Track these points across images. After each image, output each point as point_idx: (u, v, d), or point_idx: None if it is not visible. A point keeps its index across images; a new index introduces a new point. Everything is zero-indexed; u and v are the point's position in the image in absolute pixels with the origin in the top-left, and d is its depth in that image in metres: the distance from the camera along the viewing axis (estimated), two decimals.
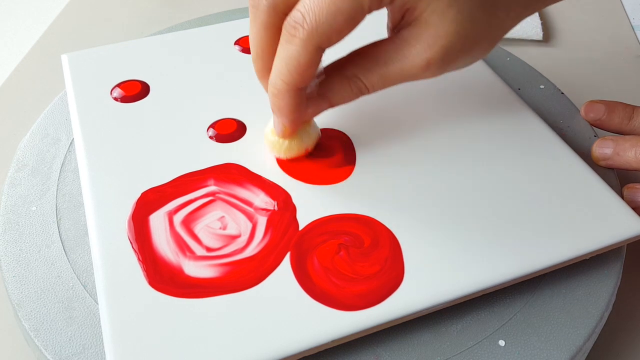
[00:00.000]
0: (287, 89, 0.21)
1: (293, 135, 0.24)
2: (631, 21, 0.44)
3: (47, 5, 0.47)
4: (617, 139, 0.28)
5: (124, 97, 0.28)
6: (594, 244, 0.22)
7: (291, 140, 0.24)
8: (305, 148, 0.25)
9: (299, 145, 0.24)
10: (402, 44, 0.21)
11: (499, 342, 0.21)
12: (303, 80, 0.21)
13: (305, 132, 0.24)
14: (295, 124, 0.23)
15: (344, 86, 0.22)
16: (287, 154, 0.24)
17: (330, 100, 0.23)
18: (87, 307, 0.21)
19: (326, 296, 0.20)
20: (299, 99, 0.22)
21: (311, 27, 0.19)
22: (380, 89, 0.22)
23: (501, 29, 0.22)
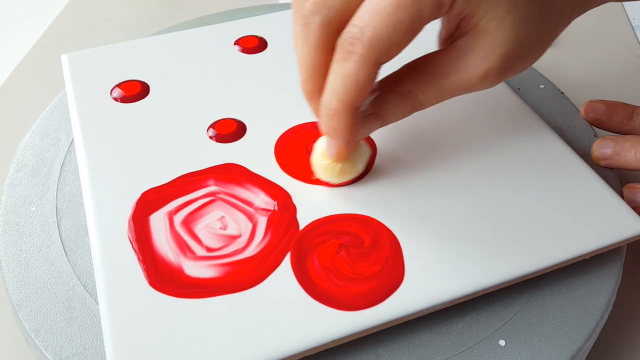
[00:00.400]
0: (344, 108, 0.20)
1: (347, 158, 0.23)
2: (631, 21, 0.44)
3: (47, 5, 0.47)
4: (617, 138, 0.28)
5: (124, 97, 0.28)
6: (594, 244, 0.22)
7: (344, 163, 0.23)
8: (357, 170, 0.23)
9: (351, 167, 0.23)
10: (459, 55, 0.20)
11: (500, 342, 0.21)
12: (361, 98, 0.20)
13: (358, 153, 0.23)
14: (350, 146, 0.22)
15: (399, 103, 0.21)
16: (339, 178, 0.23)
17: (383, 119, 0.22)
18: (87, 308, 0.21)
19: (326, 296, 0.20)
20: (355, 119, 0.20)
21: (371, 42, 0.18)
22: (435, 103, 0.22)
23: (554, 32, 0.21)
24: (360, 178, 0.24)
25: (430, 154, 0.25)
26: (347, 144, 0.21)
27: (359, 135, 0.22)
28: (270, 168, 0.25)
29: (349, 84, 0.19)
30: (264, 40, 0.32)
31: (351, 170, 0.23)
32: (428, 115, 0.27)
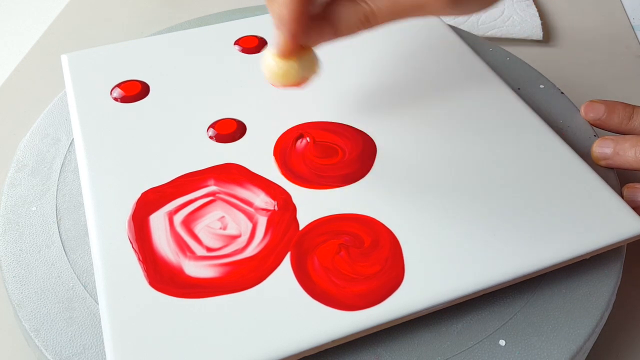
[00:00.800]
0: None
1: (292, 56, 0.23)
2: (631, 21, 0.44)
3: (47, 5, 0.47)
4: (617, 138, 0.28)
5: (124, 97, 0.28)
6: (594, 244, 0.22)
7: (289, 64, 0.23)
8: (302, 76, 0.23)
9: (296, 71, 0.23)
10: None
11: (500, 342, 0.21)
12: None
13: (305, 59, 0.23)
14: (296, 39, 0.22)
15: (350, 10, 0.21)
16: (283, 79, 0.23)
17: (335, 26, 0.22)
18: (87, 308, 0.21)
19: (326, 296, 0.20)
20: (302, 8, 0.21)
21: None
22: (387, 19, 0.21)
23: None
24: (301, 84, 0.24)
25: (430, 154, 0.25)
26: (293, 36, 0.21)
27: (310, 38, 0.22)
28: (270, 168, 0.25)
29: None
30: (263, 40, 0.32)
31: (296, 73, 0.23)
32: (427, 115, 0.27)
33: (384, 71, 0.30)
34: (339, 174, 0.24)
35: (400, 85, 0.29)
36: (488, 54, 0.34)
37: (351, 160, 0.25)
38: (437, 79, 0.29)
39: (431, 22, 0.33)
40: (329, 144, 0.26)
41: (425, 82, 0.29)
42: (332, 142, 0.26)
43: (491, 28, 0.41)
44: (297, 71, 0.23)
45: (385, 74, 0.30)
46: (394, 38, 0.32)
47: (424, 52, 0.31)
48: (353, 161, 0.25)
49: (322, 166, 0.25)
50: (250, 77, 0.30)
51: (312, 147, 0.26)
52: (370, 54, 0.31)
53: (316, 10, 0.21)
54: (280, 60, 0.23)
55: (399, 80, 0.29)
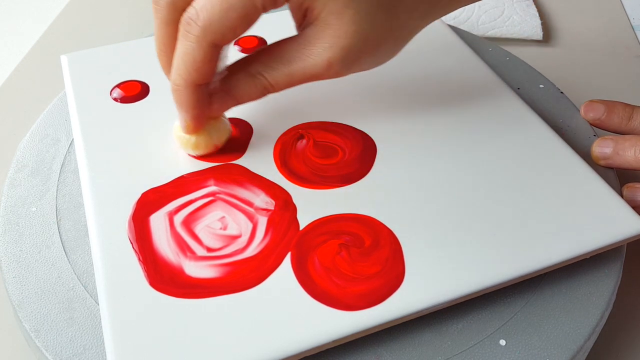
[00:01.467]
0: (185, 85, 0.21)
1: (199, 131, 0.24)
2: (631, 21, 0.44)
3: (47, 5, 0.47)
4: (616, 138, 0.28)
5: (123, 97, 0.28)
6: (594, 244, 0.22)
7: (198, 136, 0.24)
8: (214, 144, 0.24)
9: (206, 141, 0.24)
10: (304, 43, 0.21)
11: (500, 342, 0.21)
12: (200, 76, 0.21)
13: (214, 128, 0.24)
14: (197, 120, 0.23)
15: (249, 83, 0.22)
16: (195, 150, 0.24)
17: (235, 97, 0.23)
18: (87, 308, 0.21)
19: (327, 296, 0.20)
20: (198, 95, 0.22)
21: (204, 24, 0.20)
22: (285, 87, 0.23)
23: (406, 29, 0.22)
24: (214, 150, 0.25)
25: (430, 154, 0.25)
26: (193, 118, 0.23)
27: (212, 110, 0.23)
28: (270, 168, 0.25)
29: (188, 62, 0.21)
30: (263, 40, 0.32)
31: (206, 143, 0.24)
32: (426, 116, 0.27)
33: (383, 71, 0.30)
34: (339, 174, 0.24)
35: (400, 85, 0.29)
36: (488, 54, 0.34)
37: (351, 160, 0.25)
38: (436, 78, 0.29)
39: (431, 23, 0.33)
40: (329, 144, 0.26)
41: (425, 82, 0.29)
42: (332, 142, 0.26)
43: (491, 28, 0.41)
44: (208, 141, 0.24)
45: (385, 74, 0.30)
46: None
47: (423, 51, 0.31)
48: (353, 161, 0.25)
49: (322, 166, 0.25)
50: None
51: (312, 147, 0.26)
52: None
53: (215, 85, 0.22)
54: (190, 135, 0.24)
55: (399, 80, 0.29)
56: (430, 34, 0.32)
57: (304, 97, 0.28)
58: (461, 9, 0.43)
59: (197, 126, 0.23)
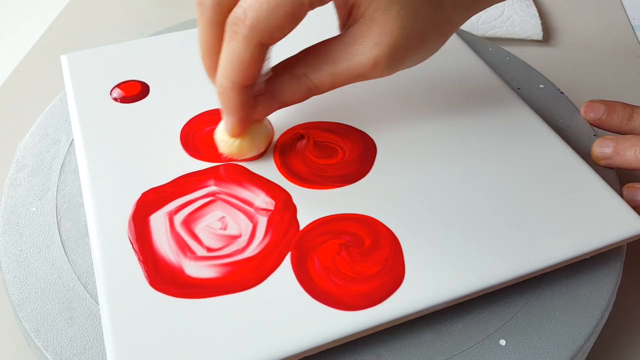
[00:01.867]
0: (232, 86, 0.21)
1: (243, 134, 0.23)
2: (631, 21, 0.44)
3: (47, 5, 0.47)
4: (617, 138, 0.28)
5: (123, 97, 0.28)
6: (594, 243, 0.22)
7: (242, 140, 0.24)
8: (257, 148, 0.24)
9: (250, 145, 0.24)
10: (350, 42, 0.21)
11: (500, 342, 0.21)
12: (247, 77, 0.21)
13: (257, 131, 0.24)
14: (242, 123, 0.23)
15: (293, 85, 0.22)
16: (237, 154, 0.24)
17: (280, 99, 0.23)
18: (87, 308, 0.21)
19: (327, 296, 0.20)
20: (245, 97, 0.22)
21: (252, 23, 0.19)
22: (330, 88, 0.22)
23: (449, 23, 0.22)
24: (261, 155, 0.25)
25: (431, 154, 0.25)
26: (239, 121, 0.22)
27: (256, 113, 0.23)
28: (270, 168, 0.25)
29: (235, 64, 0.20)
30: None
31: (250, 147, 0.24)
32: (426, 116, 0.27)
33: None
34: (339, 174, 0.24)
35: (399, 85, 0.29)
36: (488, 54, 0.34)
37: (351, 160, 0.25)
38: (436, 78, 0.29)
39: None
40: (329, 144, 0.26)
41: (425, 82, 0.29)
42: (332, 142, 0.26)
43: (491, 28, 0.41)
44: (251, 145, 0.24)
45: None
46: None
47: None
48: (353, 161, 0.25)
49: (322, 166, 0.25)
50: None
51: (312, 147, 0.26)
52: None
53: (260, 87, 0.22)
54: (234, 139, 0.24)
55: (399, 80, 0.29)
56: None
57: None
58: None
59: (242, 129, 0.23)
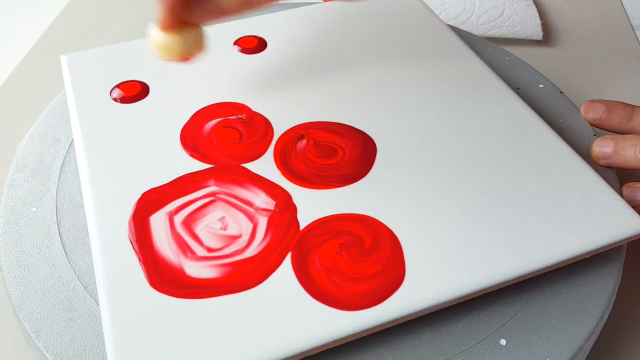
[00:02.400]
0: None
1: (171, 29, 0.24)
2: (631, 21, 0.44)
3: (47, 5, 0.47)
4: (616, 138, 0.28)
5: (123, 97, 0.28)
6: (594, 243, 0.22)
7: (171, 38, 0.24)
8: (183, 51, 0.24)
9: (178, 46, 0.24)
10: None
11: (501, 341, 0.21)
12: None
13: (188, 35, 0.24)
14: (173, 13, 0.23)
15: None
16: (163, 52, 0.24)
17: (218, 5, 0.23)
18: (88, 308, 0.21)
19: (327, 296, 0.20)
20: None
21: None
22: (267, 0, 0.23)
23: None
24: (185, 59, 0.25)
25: (431, 154, 0.25)
26: (170, 10, 0.23)
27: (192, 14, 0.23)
28: (270, 168, 0.25)
29: None
30: (263, 40, 0.32)
31: (177, 47, 0.24)
32: (426, 115, 0.27)
33: (383, 71, 0.30)
34: (339, 174, 0.24)
35: (400, 85, 0.29)
36: (488, 54, 0.34)
37: (351, 160, 0.25)
38: (436, 78, 0.29)
39: (431, 23, 0.33)
40: (329, 144, 0.26)
41: (425, 82, 0.29)
42: (332, 142, 0.26)
43: (491, 28, 0.42)
44: (179, 45, 0.24)
45: (385, 74, 0.30)
46: (393, 38, 0.32)
47: (423, 52, 0.31)
48: (353, 161, 0.25)
49: (322, 166, 0.25)
50: (249, 78, 0.30)
51: (312, 147, 0.26)
52: (370, 55, 0.31)
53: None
54: (162, 34, 0.24)
55: (399, 80, 0.29)
56: (430, 34, 0.32)
57: (304, 96, 0.28)
58: (461, 9, 0.43)
59: (171, 22, 0.23)
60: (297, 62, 0.30)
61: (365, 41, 0.32)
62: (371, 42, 0.32)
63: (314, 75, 0.29)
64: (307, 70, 0.30)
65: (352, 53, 0.31)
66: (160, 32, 0.24)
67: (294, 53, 0.31)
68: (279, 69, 0.30)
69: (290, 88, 0.29)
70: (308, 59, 0.31)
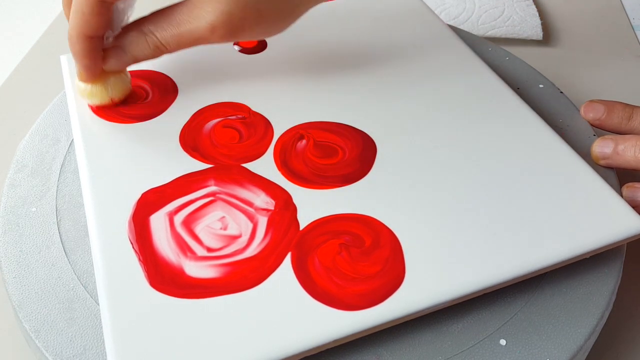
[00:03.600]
0: (77, 35, 0.24)
1: (93, 81, 0.26)
2: (631, 21, 0.44)
3: (47, 5, 0.47)
4: (616, 138, 0.28)
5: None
6: (594, 243, 0.22)
7: (94, 86, 0.26)
8: (109, 97, 0.26)
9: (102, 92, 0.26)
10: (191, 7, 0.24)
11: (500, 341, 0.21)
12: (89, 29, 0.24)
13: (112, 82, 0.26)
14: (89, 69, 0.25)
15: (141, 40, 0.25)
16: (90, 99, 0.26)
17: (130, 54, 0.25)
18: (88, 308, 0.21)
19: (327, 296, 0.20)
20: (89, 46, 0.24)
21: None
22: (177, 48, 0.25)
23: (292, 9, 0.25)
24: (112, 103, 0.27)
25: (431, 153, 0.25)
26: (85, 67, 0.25)
27: (108, 64, 0.26)
28: (270, 168, 0.25)
29: (77, 16, 0.24)
30: (263, 40, 0.32)
31: (102, 95, 0.26)
32: (426, 115, 0.27)
33: (383, 71, 0.30)
34: (339, 174, 0.24)
35: (400, 86, 0.29)
36: (488, 54, 0.34)
37: (351, 160, 0.25)
38: (436, 78, 0.29)
39: (431, 23, 0.33)
40: (329, 144, 0.26)
41: (425, 82, 0.29)
42: (332, 142, 0.26)
43: (491, 28, 0.42)
44: (103, 93, 0.26)
45: (385, 74, 0.30)
46: (393, 39, 0.32)
47: (423, 52, 0.31)
48: (353, 161, 0.25)
49: (322, 166, 0.25)
50: (249, 78, 0.30)
51: (312, 147, 0.26)
52: (370, 55, 0.31)
53: (109, 41, 0.25)
54: (86, 83, 0.26)
55: (399, 81, 0.29)
56: (430, 34, 0.32)
57: (304, 96, 0.28)
58: (461, 9, 0.43)
59: (90, 75, 0.26)
60: (297, 62, 0.30)
61: (365, 41, 0.32)
62: (371, 42, 0.32)
63: (314, 75, 0.29)
64: (307, 70, 0.30)
65: (352, 53, 0.31)
66: (80, 81, 0.26)
67: (294, 53, 0.31)
68: (279, 69, 0.30)
69: (290, 88, 0.29)
70: (308, 59, 0.31)
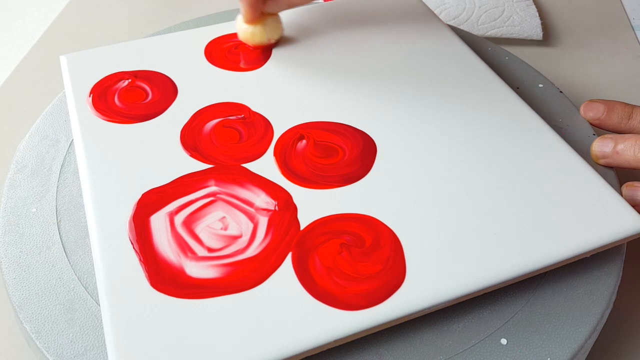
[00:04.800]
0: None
1: (254, 22, 0.29)
2: (631, 21, 0.44)
3: (47, 5, 0.47)
4: (616, 137, 0.28)
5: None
6: (594, 242, 0.22)
7: (255, 28, 0.29)
8: (267, 38, 0.30)
9: (261, 33, 0.30)
10: None
11: (501, 341, 0.21)
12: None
13: (270, 23, 0.30)
14: (254, 8, 0.28)
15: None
16: (252, 39, 0.30)
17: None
18: (88, 309, 0.21)
19: (328, 296, 0.20)
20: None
21: None
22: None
23: None
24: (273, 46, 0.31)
25: (431, 153, 0.25)
26: (249, 6, 0.28)
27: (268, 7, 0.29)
28: (270, 168, 0.25)
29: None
30: (267, 51, 0.32)
31: (261, 35, 0.30)
32: (426, 115, 0.27)
33: (384, 71, 0.30)
34: (339, 174, 0.24)
35: (400, 85, 0.29)
36: (488, 54, 0.34)
37: (351, 160, 0.25)
38: (436, 78, 0.29)
39: (431, 23, 0.33)
40: (329, 144, 0.26)
41: (425, 82, 0.29)
42: (332, 142, 0.26)
43: (491, 28, 0.42)
44: (262, 34, 0.30)
45: (385, 74, 0.30)
46: (393, 38, 0.32)
47: (423, 52, 0.31)
48: (353, 161, 0.25)
49: (322, 166, 0.25)
50: (249, 78, 0.30)
51: (312, 147, 0.26)
52: (370, 55, 0.31)
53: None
54: (247, 25, 0.30)
55: (399, 80, 0.29)
56: (430, 34, 0.32)
57: (304, 96, 0.28)
58: (461, 9, 0.43)
59: (253, 15, 0.29)
60: (297, 62, 0.30)
61: (365, 41, 0.32)
62: (371, 42, 0.32)
63: (314, 75, 0.29)
64: (307, 70, 0.30)
65: (352, 53, 0.31)
66: (246, 23, 0.29)
67: (294, 53, 0.31)
68: (278, 69, 0.30)
69: (290, 88, 0.29)
70: (308, 59, 0.31)
